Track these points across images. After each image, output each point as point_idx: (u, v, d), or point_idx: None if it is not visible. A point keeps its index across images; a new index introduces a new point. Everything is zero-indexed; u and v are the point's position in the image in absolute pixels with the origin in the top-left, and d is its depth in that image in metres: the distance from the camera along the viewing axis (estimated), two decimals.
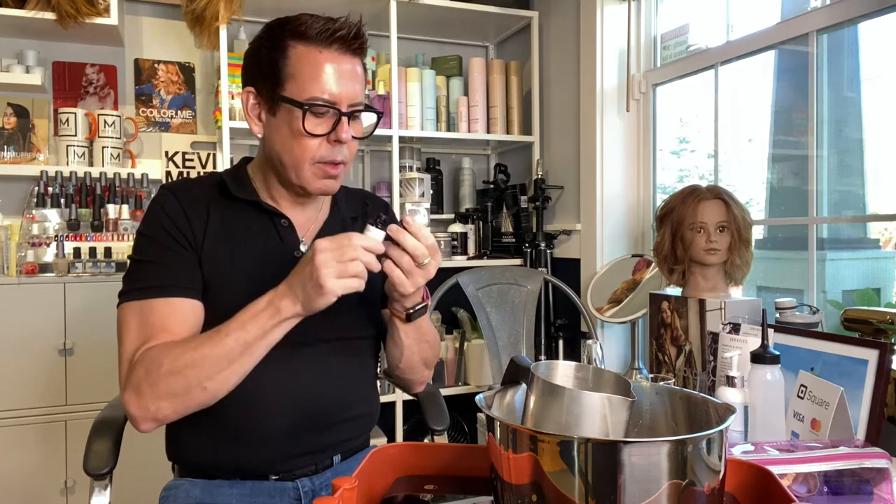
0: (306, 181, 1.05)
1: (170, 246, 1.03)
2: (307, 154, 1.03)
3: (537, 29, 2.64)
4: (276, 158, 1.06)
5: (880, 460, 0.91)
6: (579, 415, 0.67)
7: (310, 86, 1.00)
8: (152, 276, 1.02)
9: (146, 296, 1.00)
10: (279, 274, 1.02)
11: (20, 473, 2.06)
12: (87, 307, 2.13)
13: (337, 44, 1.02)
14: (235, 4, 2.28)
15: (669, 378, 1.32)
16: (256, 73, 1.05)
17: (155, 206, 1.06)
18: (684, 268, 1.62)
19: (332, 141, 1.03)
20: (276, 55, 1.02)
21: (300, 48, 1.01)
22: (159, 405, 0.94)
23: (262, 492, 1.08)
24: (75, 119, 2.40)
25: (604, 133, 2.32)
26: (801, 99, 1.78)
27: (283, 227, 1.11)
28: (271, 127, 1.05)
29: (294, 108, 1.01)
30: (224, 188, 1.10)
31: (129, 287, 1.03)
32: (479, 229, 2.67)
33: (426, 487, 0.82)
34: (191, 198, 1.07)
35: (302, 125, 1.01)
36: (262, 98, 1.05)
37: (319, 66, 1.01)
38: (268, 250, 1.08)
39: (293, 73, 1.01)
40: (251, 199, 1.10)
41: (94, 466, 1.12)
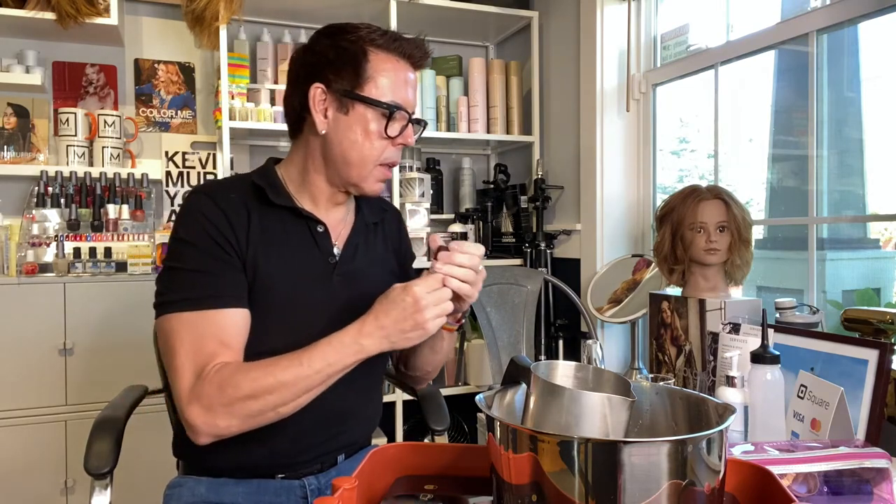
0: (366, 181, 1.08)
1: (215, 253, 1.01)
2: (376, 154, 1.07)
3: (537, 29, 2.64)
4: (341, 156, 1.07)
5: (880, 460, 0.91)
6: (579, 415, 0.67)
7: (391, 91, 1.05)
8: (201, 286, 1.00)
9: (198, 306, 0.99)
10: (315, 279, 1.08)
11: (20, 473, 2.06)
12: (87, 307, 2.13)
13: (410, 57, 1.08)
14: (235, 4, 2.28)
15: (669, 378, 1.32)
16: (328, 71, 1.06)
17: (194, 212, 1.04)
18: (684, 268, 1.62)
19: (397, 144, 1.08)
20: (357, 57, 1.05)
21: (381, 54, 1.06)
22: (230, 424, 0.95)
23: (268, 490, 1.09)
24: (75, 119, 2.40)
25: (604, 133, 2.32)
26: (801, 99, 1.78)
27: (318, 232, 1.11)
28: (340, 125, 1.06)
29: (373, 109, 1.05)
30: (261, 193, 1.08)
31: (177, 297, 1.00)
32: (479, 229, 2.67)
33: (426, 487, 0.82)
34: (230, 203, 1.05)
35: (384, 127, 1.05)
36: (333, 95, 1.06)
37: (400, 74, 1.07)
38: (304, 256, 1.09)
39: (373, 77, 1.05)
40: (287, 206, 1.09)
41: (94, 466, 1.11)
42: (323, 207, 1.13)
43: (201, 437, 0.96)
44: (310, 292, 1.07)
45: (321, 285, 1.09)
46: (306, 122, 1.09)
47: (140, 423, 1.39)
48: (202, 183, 1.13)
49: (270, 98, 2.43)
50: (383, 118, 1.05)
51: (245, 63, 2.46)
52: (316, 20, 2.69)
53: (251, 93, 2.40)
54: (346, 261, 1.12)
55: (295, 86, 1.09)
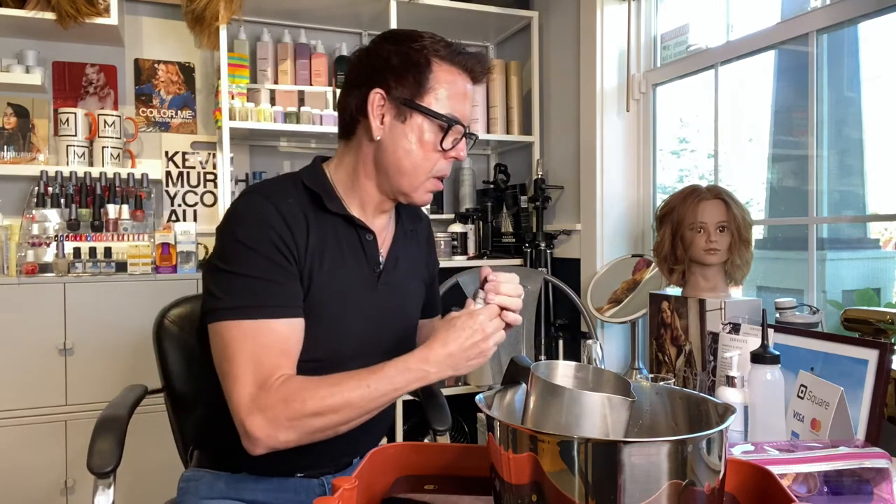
0: (417, 192, 1.08)
1: (277, 261, 0.99)
2: (430, 166, 1.06)
3: (537, 29, 2.64)
4: (393, 164, 1.06)
5: (880, 460, 0.91)
6: (579, 415, 0.67)
7: (452, 104, 1.05)
8: (263, 294, 0.98)
9: (259, 315, 0.97)
10: (362, 288, 1.08)
11: (20, 473, 2.06)
12: (87, 307, 2.13)
13: (470, 71, 1.08)
14: (235, 4, 2.28)
15: (669, 378, 1.32)
16: (391, 77, 1.04)
17: (255, 216, 1.01)
18: (684, 268, 1.62)
19: (449, 157, 1.08)
20: (421, 66, 1.04)
21: (445, 66, 1.05)
22: (289, 438, 0.95)
23: (287, 488, 1.09)
24: (75, 119, 2.40)
25: (604, 133, 2.32)
26: (801, 99, 1.78)
27: (367, 241, 1.10)
28: (396, 133, 1.05)
29: (430, 120, 1.04)
30: (316, 199, 1.07)
31: (236, 303, 0.97)
32: (479, 229, 2.67)
33: (426, 487, 0.82)
34: (289, 209, 1.03)
35: (441, 140, 1.05)
36: (392, 102, 1.04)
37: (461, 88, 1.06)
38: (353, 265, 1.09)
39: (435, 88, 1.04)
40: (341, 213, 1.08)
41: (97, 465, 1.11)
42: (370, 214, 1.12)
43: (258, 448, 0.95)
44: (357, 301, 1.07)
45: (367, 294, 1.09)
46: (361, 125, 1.07)
47: (139, 423, 1.39)
48: (255, 185, 1.11)
49: (270, 98, 2.43)
50: (440, 130, 1.05)
51: (245, 63, 2.46)
52: (316, 20, 2.69)
53: (251, 93, 2.40)
54: (388, 270, 1.13)
55: (353, 88, 1.07)
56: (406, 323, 1.20)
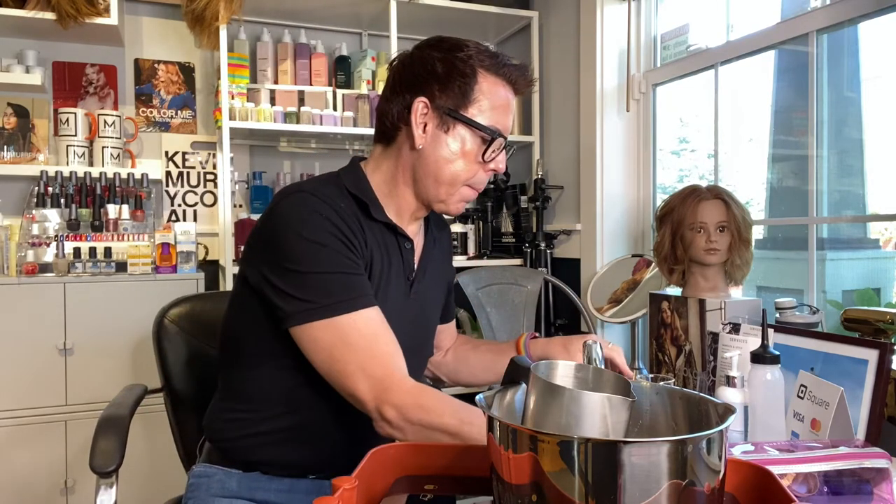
0: (452, 201, 1.08)
1: (347, 255, 0.99)
2: (468, 176, 1.06)
3: (537, 29, 2.64)
4: (433, 173, 1.05)
5: (880, 460, 0.91)
6: (579, 415, 0.67)
7: (494, 116, 1.04)
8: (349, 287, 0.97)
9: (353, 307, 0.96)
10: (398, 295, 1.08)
11: (20, 473, 2.06)
12: (87, 307, 2.13)
13: (514, 83, 1.07)
14: (235, 4, 2.28)
15: (669, 378, 1.32)
16: (434, 86, 1.03)
17: (315, 213, 0.99)
18: (684, 268, 1.62)
19: (488, 170, 1.07)
20: (467, 77, 1.03)
21: (490, 77, 1.04)
22: (407, 438, 0.94)
23: (299, 489, 1.09)
24: (75, 119, 2.40)
25: (604, 133, 2.32)
26: (801, 99, 1.78)
27: (406, 249, 1.10)
28: (438, 142, 1.04)
29: (473, 132, 1.03)
30: (362, 206, 1.06)
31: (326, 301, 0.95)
32: (479, 229, 2.67)
33: (426, 487, 0.82)
34: (344, 211, 1.02)
35: (483, 152, 1.04)
36: (436, 112, 1.03)
37: (505, 101, 1.05)
38: (393, 271, 1.09)
39: (479, 99, 1.03)
40: (384, 221, 1.08)
41: (100, 464, 1.11)
42: (406, 221, 1.11)
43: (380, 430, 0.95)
44: (393, 308, 1.06)
45: (401, 301, 1.09)
46: (402, 132, 1.06)
47: (139, 423, 1.39)
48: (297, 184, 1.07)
49: (270, 98, 2.43)
50: (482, 142, 1.04)
51: (245, 63, 2.46)
52: (316, 20, 2.69)
53: (251, 93, 2.40)
54: (419, 278, 1.14)
55: (396, 94, 1.05)
56: (428, 331, 1.20)
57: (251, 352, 1.07)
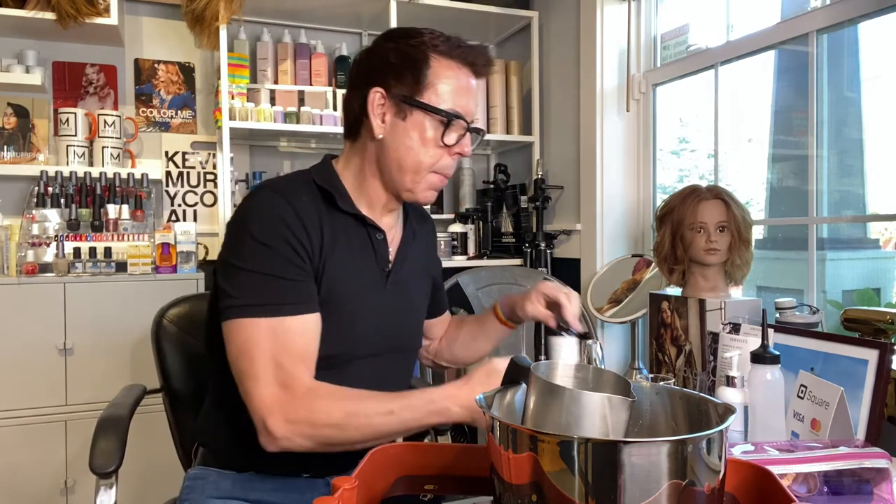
0: (419, 189, 1.07)
1: (293, 259, 0.99)
2: (432, 162, 1.05)
3: (537, 29, 2.64)
4: (396, 162, 1.05)
5: (880, 460, 0.91)
6: (579, 415, 0.67)
7: (451, 98, 1.04)
8: (281, 292, 0.98)
9: (278, 313, 0.97)
10: (372, 287, 1.08)
11: (20, 473, 2.06)
12: (87, 307, 2.13)
13: (472, 64, 1.07)
14: (235, 4, 2.28)
15: (669, 378, 1.32)
16: (390, 75, 1.04)
17: (271, 213, 1.00)
18: (684, 268, 1.62)
19: (453, 154, 1.07)
20: (418, 63, 1.03)
21: (443, 61, 1.04)
22: (303, 444, 0.95)
23: (294, 488, 1.09)
24: (75, 119, 2.40)
25: (604, 133, 2.32)
26: (801, 99, 1.78)
27: (378, 240, 1.10)
28: (398, 130, 1.05)
29: (431, 116, 1.03)
30: (329, 198, 1.07)
31: (254, 301, 0.97)
32: (479, 229, 2.67)
33: (426, 487, 0.82)
34: (304, 207, 1.03)
35: (441, 135, 1.04)
36: (392, 100, 1.04)
37: (460, 81, 1.05)
38: (364, 264, 1.09)
39: (434, 83, 1.03)
40: (352, 212, 1.08)
41: (99, 465, 1.11)
42: (378, 213, 1.12)
43: (273, 446, 0.95)
44: (367, 300, 1.07)
45: (377, 293, 1.09)
46: (364, 125, 1.07)
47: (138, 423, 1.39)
48: (268, 180, 1.10)
49: (270, 98, 2.43)
50: (441, 126, 1.04)
51: (245, 63, 2.46)
52: (316, 20, 2.69)
53: (251, 93, 2.40)
54: (397, 269, 1.13)
55: (355, 89, 1.07)
56: (413, 322, 1.20)
57: None
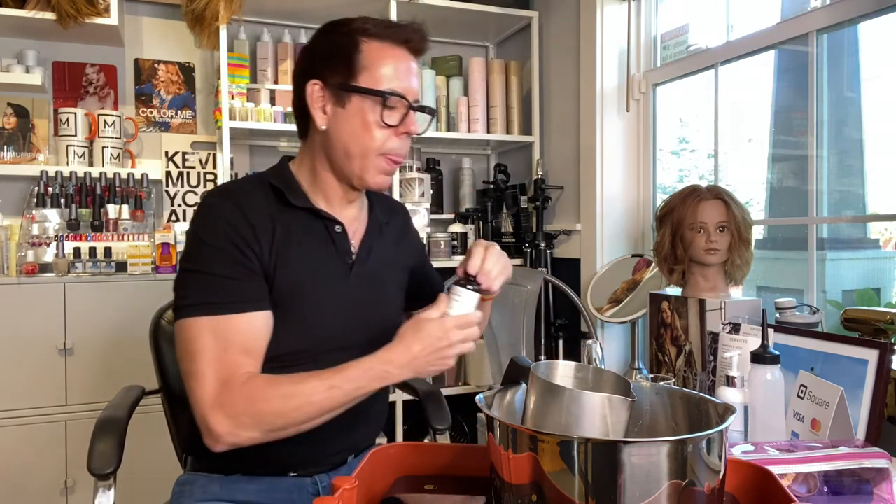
0: (369, 174, 1.06)
1: (237, 258, 1.00)
2: (376, 144, 1.05)
3: (537, 29, 2.64)
4: (342, 150, 1.06)
5: (880, 460, 0.91)
6: (579, 415, 0.67)
7: (387, 79, 1.04)
8: (223, 291, 0.98)
9: (220, 311, 0.98)
10: (333, 280, 1.08)
11: (20, 473, 2.06)
12: (87, 307, 2.13)
13: (406, 42, 1.08)
14: (235, 4, 2.28)
15: (669, 378, 1.32)
16: (324, 66, 1.06)
17: (216, 215, 1.02)
18: (684, 268, 1.62)
19: (400, 133, 1.06)
20: (348, 49, 1.04)
21: (374, 44, 1.05)
22: (253, 436, 0.95)
23: (280, 488, 1.09)
24: (75, 119, 2.40)
25: (604, 133, 2.32)
26: (801, 99, 1.78)
27: (336, 233, 1.10)
28: (339, 118, 1.05)
29: (369, 99, 1.03)
30: (280, 195, 1.08)
31: (197, 300, 0.98)
32: (479, 229, 2.67)
33: (426, 487, 0.82)
34: (251, 207, 1.04)
35: (381, 115, 1.03)
36: (330, 90, 1.05)
37: (394, 61, 1.05)
38: (323, 257, 1.09)
39: (367, 66, 1.04)
40: (306, 207, 1.09)
41: (98, 466, 1.11)
42: (337, 206, 1.12)
43: (219, 445, 0.96)
44: (329, 293, 1.07)
45: (339, 286, 1.09)
46: (309, 120, 1.08)
47: (138, 423, 1.39)
48: (220, 185, 1.12)
49: (270, 98, 2.43)
50: (380, 106, 1.04)
51: (245, 63, 2.46)
52: (316, 20, 2.68)
53: (251, 93, 2.40)
54: (361, 261, 1.13)
55: (296, 86, 1.09)
56: (385, 314, 1.18)
57: None
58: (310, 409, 0.95)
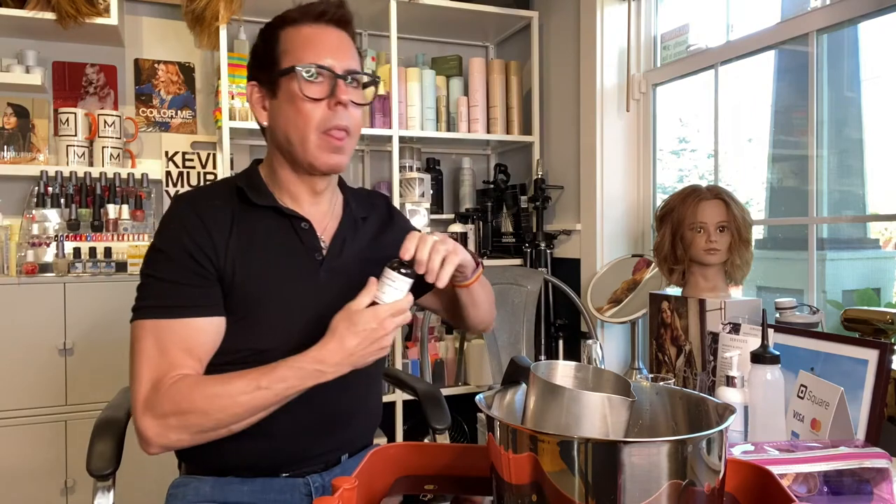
0: (313, 155, 1.05)
1: (188, 265, 1.01)
2: (311, 122, 1.04)
3: (537, 29, 2.64)
4: (284, 138, 1.07)
5: (880, 460, 0.91)
6: (579, 415, 0.67)
7: (302, 54, 1.04)
8: (168, 295, 1.00)
9: (162, 315, 0.99)
10: (301, 278, 1.07)
11: (20, 473, 2.06)
12: (87, 307, 2.13)
13: (322, 18, 1.08)
14: (235, 4, 2.28)
15: (669, 378, 1.32)
16: (255, 66, 1.10)
17: (173, 221, 1.04)
18: (684, 268, 1.62)
19: (332, 105, 1.04)
20: (270, 43, 1.08)
21: (290, 30, 1.07)
22: (181, 437, 0.95)
23: (272, 488, 1.09)
24: (75, 119, 2.40)
25: (604, 133, 2.32)
26: (801, 99, 1.78)
27: (302, 229, 1.10)
28: (275, 110, 1.07)
29: (292, 80, 1.04)
30: (244, 196, 1.08)
31: (144, 304, 1.01)
32: (479, 229, 2.67)
33: (426, 487, 0.82)
34: (212, 211, 1.05)
35: (300, 89, 1.03)
36: (264, 87, 1.08)
37: (310, 37, 1.06)
38: (289, 255, 1.09)
39: (286, 50, 1.06)
40: (269, 205, 1.09)
41: (97, 467, 1.11)
42: (306, 202, 1.12)
43: (152, 448, 0.97)
44: (296, 291, 1.07)
45: (308, 282, 1.08)
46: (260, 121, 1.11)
47: None
48: (188, 190, 1.14)
49: None
50: (302, 83, 1.03)
51: (245, 63, 2.46)
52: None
53: None
54: (333, 256, 1.12)
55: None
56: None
57: None
58: (236, 409, 0.94)
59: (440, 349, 2.60)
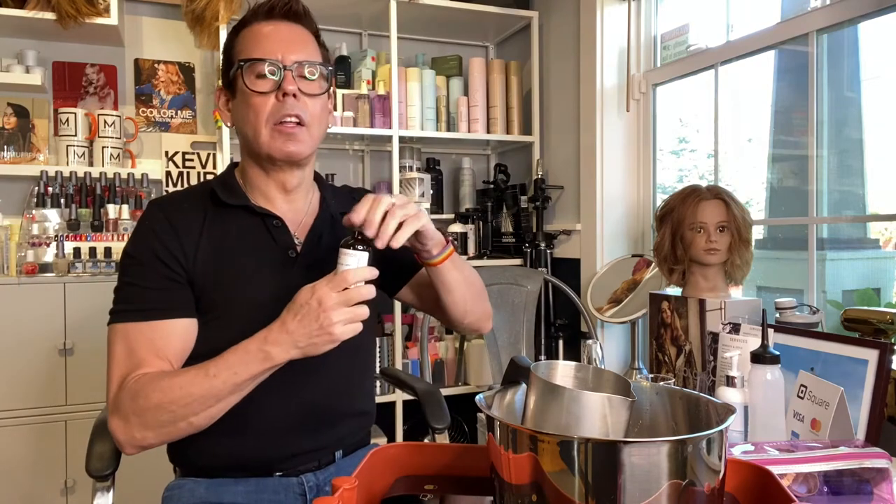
0: (267, 145, 1.05)
1: (157, 269, 1.03)
2: (262, 115, 1.05)
3: (537, 29, 2.64)
4: (243, 135, 1.09)
5: (880, 460, 0.91)
6: (579, 415, 0.67)
7: (252, 51, 1.06)
8: (136, 300, 1.03)
9: (130, 318, 1.02)
10: (274, 275, 1.07)
11: (20, 473, 2.06)
12: (87, 307, 2.13)
13: (272, 14, 1.09)
14: (235, 4, 2.28)
15: (669, 378, 1.32)
16: (221, 72, 1.14)
17: (143, 227, 1.06)
18: (684, 268, 1.62)
19: (279, 97, 1.05)
20: (228, 48, 1.11)
21: (244, 31, 1.09)
22: (145, 434, 0.96)
23: (266, 488, 1.09)
24: (75, 119, 2.40)
25: (604, 133, 2.32)
26: (801, 99, 1.78)
27: (275, 227, 1.10)
28: (234, 109, 1.11)
29: (239, 78, 1.05)
30: (215, 197, 1.10)
31: (115, 308, 1.06)
32: (479, 229, 2.67)
33: (426, 487, 0.82)
34: (182, 213, 1.07)
35: (247, 84, 1.04)
36: (227, 90, 1.12)
37: (258, 34, 1.07)
38: (261, 253, 1.09)
39: (240, 50, 1.08)
40: (241, 204, 1.10)
41: (96, 468, 1.12)
42: (278, 200, 1.12)
43: (126, 448, 0.98)
44: (269, 288, 1.06)
45: (282, 279, 1.07)
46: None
47: None
48: (163, 195, 1.16)
49: None
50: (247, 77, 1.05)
51: None
52: (316, 20, 2.68)
53: None
54: (308, 252, 1.11)
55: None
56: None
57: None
58: (188, 400, 0.93)
59: (440, 349, 2.60)
